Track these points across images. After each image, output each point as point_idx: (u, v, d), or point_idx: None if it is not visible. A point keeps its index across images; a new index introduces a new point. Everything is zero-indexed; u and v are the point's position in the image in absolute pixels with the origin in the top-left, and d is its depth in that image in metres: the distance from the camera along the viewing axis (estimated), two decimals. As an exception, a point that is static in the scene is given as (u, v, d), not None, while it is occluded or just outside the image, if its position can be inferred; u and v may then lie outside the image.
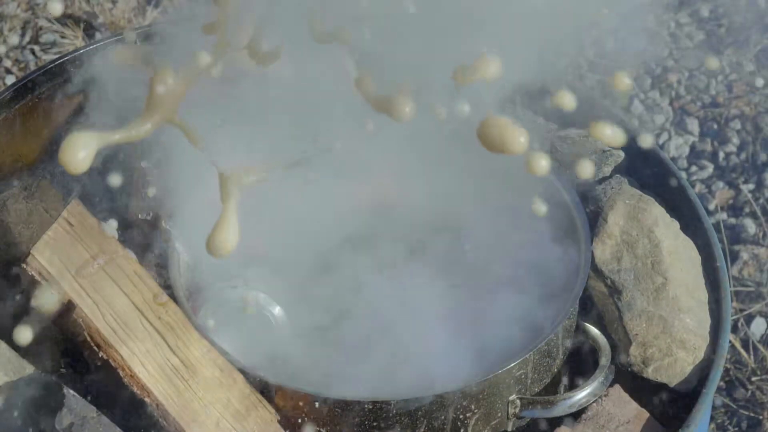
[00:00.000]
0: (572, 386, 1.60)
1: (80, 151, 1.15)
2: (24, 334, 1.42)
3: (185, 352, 1.47)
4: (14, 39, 3.14)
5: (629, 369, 1.63)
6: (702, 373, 1.61)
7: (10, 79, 3.05)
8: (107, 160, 1.81)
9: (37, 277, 1.46)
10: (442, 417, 1.49)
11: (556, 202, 1.69)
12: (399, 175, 1.76)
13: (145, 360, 1.45)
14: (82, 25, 3.16)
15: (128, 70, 1.75)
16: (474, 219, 1.75)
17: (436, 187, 1.75)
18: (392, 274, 1.72)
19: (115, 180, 1.80)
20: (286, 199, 1.61)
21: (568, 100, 1.25)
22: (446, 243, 1.76)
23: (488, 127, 1.21)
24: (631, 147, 1.83)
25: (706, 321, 1.66)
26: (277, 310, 1.68)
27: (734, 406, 2.49)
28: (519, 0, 1.37)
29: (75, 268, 1.47)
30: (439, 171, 1.72)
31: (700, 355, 1.63)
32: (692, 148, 3.02)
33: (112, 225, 1.55)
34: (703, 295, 1.69)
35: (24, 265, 1.46)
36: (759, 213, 2.82)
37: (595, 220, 1.71)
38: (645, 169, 1.82)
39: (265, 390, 1.49)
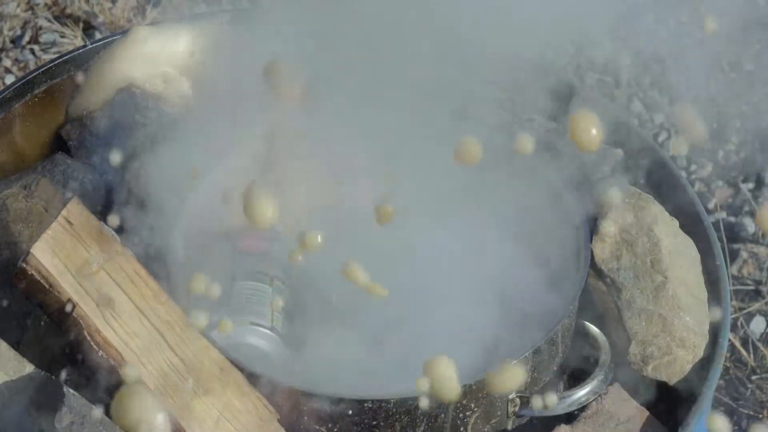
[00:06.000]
0: (572, 385, 1.61)
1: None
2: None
3: (185, 351, 1.47)
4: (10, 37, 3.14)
5: (629, 367, 1.63)
6: (701, 371, 1.61)
7: (9, 79, 3.04)
8: (106, 158, 1.82)
9: (37, 276, 1.46)
10: (442, 415, 1.50)
11: (555, 199, 1.69)
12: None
13: (144, 359, 1.45)
14: (81, 25, 3.16)
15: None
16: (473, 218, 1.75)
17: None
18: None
19: (115, 178, 1.80)
20: None
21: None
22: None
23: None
24: (630, 145, 1.84)
25: (706, 319, 1.66)
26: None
27: (734, 405, 2.49)
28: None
29: (75, 266, 1.47)
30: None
31: (700, 353, 1.63)
32: (691, 146, 3.02)
33: (112, 223, 1.55)
34: (703, 293, 1.69)
35: (23, 264, 1.46)
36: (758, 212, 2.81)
37: (594, 218, 1.71)
38: (644, 168, 1.82)
39: (264, 388, 1.49)
